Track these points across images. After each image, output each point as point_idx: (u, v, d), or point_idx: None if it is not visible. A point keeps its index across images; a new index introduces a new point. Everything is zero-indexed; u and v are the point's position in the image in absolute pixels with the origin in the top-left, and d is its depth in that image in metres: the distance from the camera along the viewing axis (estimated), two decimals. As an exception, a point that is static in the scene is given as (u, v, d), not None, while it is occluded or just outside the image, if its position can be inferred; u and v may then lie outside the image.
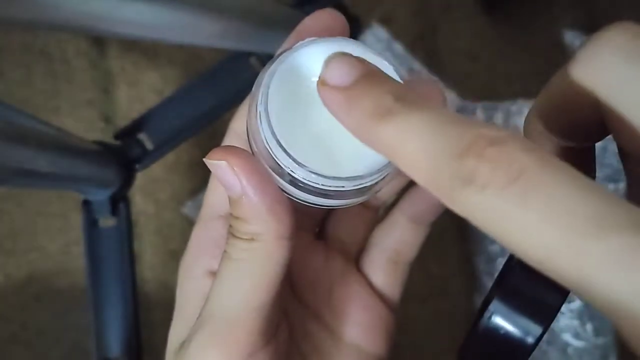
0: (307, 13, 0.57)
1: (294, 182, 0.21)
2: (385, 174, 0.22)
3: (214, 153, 0.22)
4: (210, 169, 0.22)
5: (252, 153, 0.23)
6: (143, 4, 0.39)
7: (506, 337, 0.19)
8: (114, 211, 0.56)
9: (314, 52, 0.22)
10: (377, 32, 0.72)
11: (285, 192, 0.22)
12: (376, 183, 0.22)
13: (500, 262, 0.66)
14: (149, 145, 0.58)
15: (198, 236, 0.27)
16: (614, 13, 0.70)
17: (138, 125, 0.58)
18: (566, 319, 0.62)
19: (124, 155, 0.56)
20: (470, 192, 0.15)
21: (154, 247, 0.69)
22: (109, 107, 0.72)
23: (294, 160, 0.21)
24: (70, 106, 0.72)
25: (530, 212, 0.15)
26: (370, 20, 0.73)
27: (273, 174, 0.22)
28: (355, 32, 0.69)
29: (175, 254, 0.69)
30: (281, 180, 0.22)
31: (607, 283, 0.14)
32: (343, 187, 0.21)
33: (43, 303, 0.69)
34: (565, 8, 0.72)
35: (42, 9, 0.33)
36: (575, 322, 0.62)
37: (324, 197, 0.22)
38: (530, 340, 0.18)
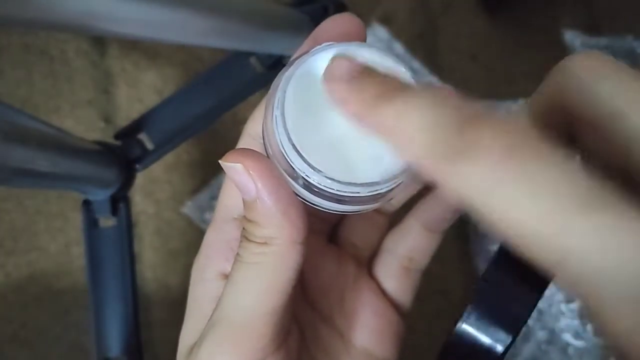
0: (307, 13, 0.57)
1: (308, 186, 0.21)
2: (400, 180, 0.22)
3: (230, 155, 0.22)
4: (226, 171, 0.22)
5: (267, 156, 0.22)
6: (143, 4, 0.39)
7: (476, 345, 0.20)
8: (114, 211, 0.56)
9: (331, 57, 0.22)
10: (377, 32, 0.72)
11: (300, 196, 0.22)
12: (391, 190, 0.22)
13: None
14: (149, 145, 0.58)
15: (211, 238, 0.27)
16: (614, 13, 0.70)
17: (138, 125, 0.58)
18: (566, 319, 0.62)
19: (124, 155, 0.56)
20: (464, 164, 0.16)
21: (154, 247, 0.69)
22: (109, 107, 0.72)
23: (309, 165, 0.21)
24: (71, 106, 0.72)
25: (520, 187, 0.15)
26: (370, 20, 0.72)
27: (288, 178, 0.22)
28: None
29: (175, 254, 0.69)
30: (295, 185, 0.22)
31: (585, 258, 0.15)
32: (358, 193, 0.21)
33: (43, 303, 0.69)
34: (565, 8, 0.72)
35: (42, 9, 0.33)
36: (576, 322, 0.62)
37: (338, 203, 0.22)
38: (499, 348, 0.19)
